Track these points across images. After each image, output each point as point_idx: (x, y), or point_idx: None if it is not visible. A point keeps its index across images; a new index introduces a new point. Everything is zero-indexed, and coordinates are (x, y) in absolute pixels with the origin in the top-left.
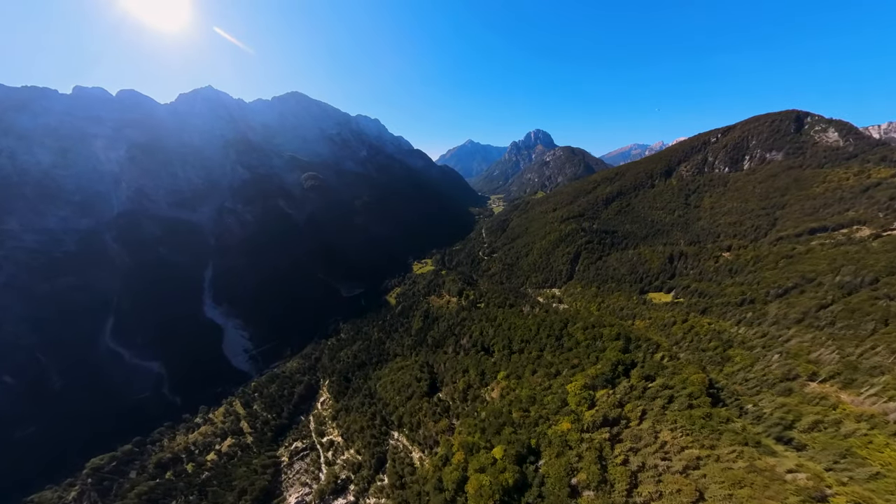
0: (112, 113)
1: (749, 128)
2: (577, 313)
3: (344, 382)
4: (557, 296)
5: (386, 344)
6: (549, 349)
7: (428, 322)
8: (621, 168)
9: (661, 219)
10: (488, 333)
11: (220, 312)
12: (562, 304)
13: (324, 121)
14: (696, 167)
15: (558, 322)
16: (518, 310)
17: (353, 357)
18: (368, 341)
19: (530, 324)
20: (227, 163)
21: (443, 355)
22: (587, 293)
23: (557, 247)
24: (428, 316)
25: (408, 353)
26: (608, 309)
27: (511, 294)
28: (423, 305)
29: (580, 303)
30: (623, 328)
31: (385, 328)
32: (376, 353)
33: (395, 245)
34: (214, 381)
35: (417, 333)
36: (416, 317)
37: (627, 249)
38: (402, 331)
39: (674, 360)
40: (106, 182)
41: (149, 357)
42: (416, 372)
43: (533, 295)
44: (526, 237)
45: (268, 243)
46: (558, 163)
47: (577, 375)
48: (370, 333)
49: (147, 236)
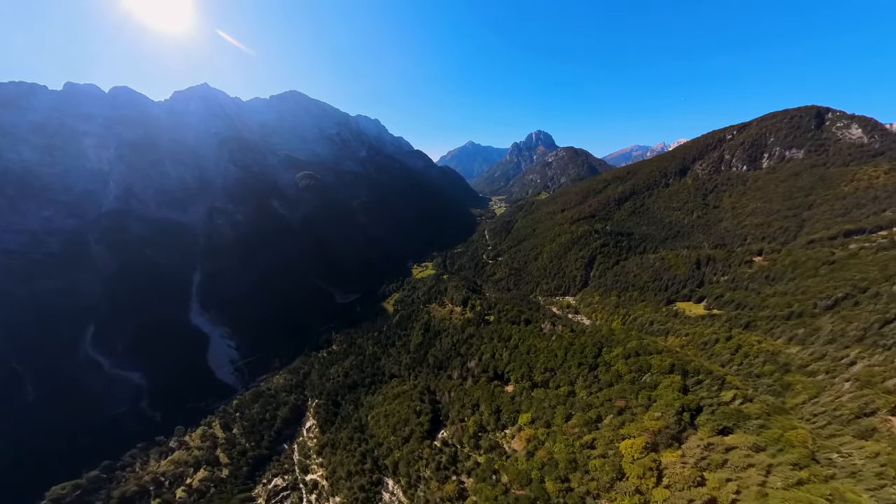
0: (103, 110)
1: (766, 124)
2: (611, 334)
3: (332, 407)
4: (573, 305)
5: (381, 361)
6: (583, 383)
7: (429, 336)
8: (632, 167)
9: (680, 220)
10: (502, 357)
11: (207, 319)
12: (578, 314)
13: (323, 120)
14: (712, 165)
15: (591, 346)
16: (536, 327)
17: (344, 375)
18: (362, 356)
19: (555, 347)
20: (220, 162)
21: (447, 381)
22: (607, 303)
23: (569, 250)
24: (429, 329)
25: (405, 374)
26: (635, 323)
27: (525, 306)
28: (424, 315)
29: (601, 315)
30: (677, 358)
31: (381, 341)
32: (370, 372)
33: (394, 247)
34: (197, 395)
35: (417, 350)
36: (415, 329)
37: (647, 253)
38: (400, 345)
39: (748, 401)
40: (95, 181)
41: (129, 367)
42: (415, 402)
43: (544, 304)
44: (533, 239)
45: (259, 245)
46: (561, 163)
47: (628, 426)
48: (364, 347)
49: (133, 237)
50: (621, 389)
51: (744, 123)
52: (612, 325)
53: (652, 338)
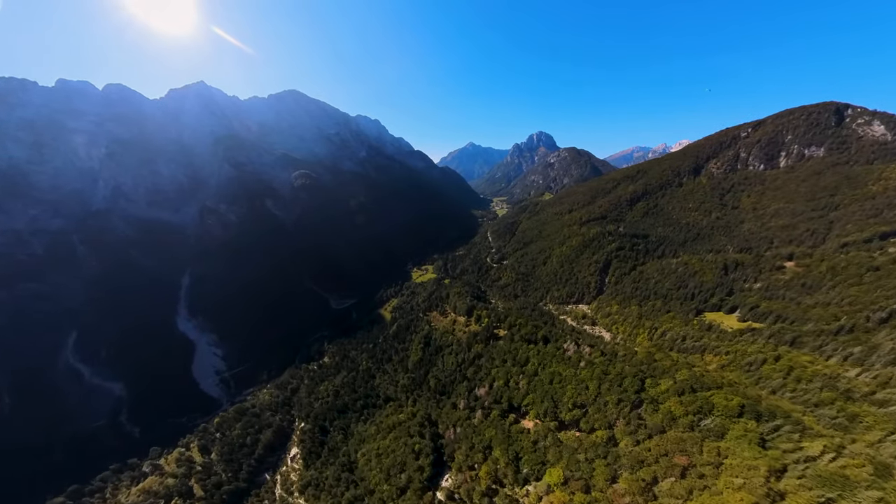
0: (96, 107)
1: (783, 121)
2: (652, 360)
3: (319, 435)
4: (589, 316)
5: (376, 379)
6: (625, 426)
7: (429, 352)
8: (642, 165)
9: (697, 221)
10: (518, 386)
11: (195, 326)
12: (595, 325)
13: (322, 120)
14: (728, 164)
15: (630, 376)
16: (558, 348)
17: (334, 394)
18: (355, 372)
19: (584, 376)
20: (215, 161)
21: (451, 410)
22: (628, 314)
23: (582, 254)
24: (429, 343)
25: (403, 398)
26: (665, 339)
27: (540, 319)
28: (424, 326)
29: (622, 328)
30: (744, 395)
31: (376, 355)
32: (363, 393)
33: (393, 250)
34: (179, 409)
35: (416, 368)
36: (414, 342)
37: (666, 257)
38: (397, 361)
39: (840, 455)
40: (85, 180)
41: (110, 376)
42: (413, 438)
43: (557, 314)
44: (541, 242)
45: (251, 247)
46: (563, 164)
47: (699, 498)
48: (358, 361)
49: (119, 238)
50: (678, 438)
51: (758, 121)
52: (638, 340)
53: (697, 361)
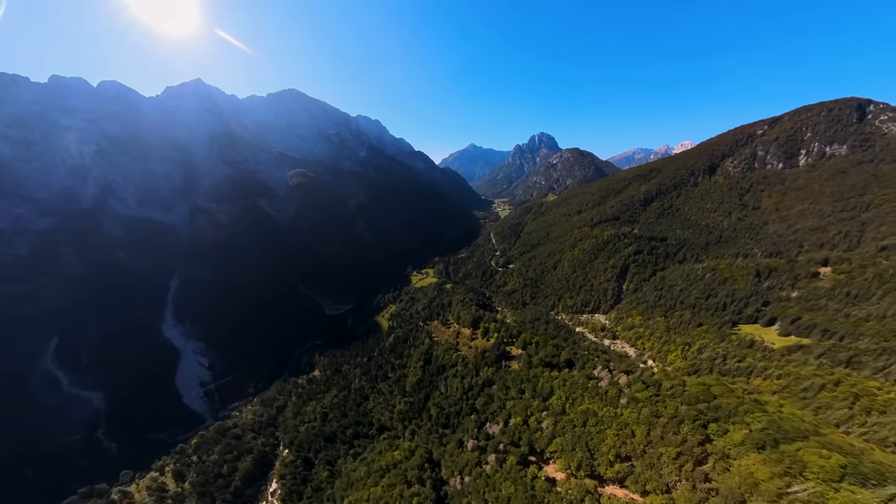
0: (89, 104)
1: (801, 118)
2: (711, 396)
3: (303, 468)
4: (608, 328)
5: (369, 401)
6: (689, 492)
7: (430, 372)
8: (654, 164)
9: (717, 222)
10: (541, 426)
11: (181, 332)
12: (616, 339)
13: (322, 119)
14: (745, 162)
15: (689, 421)
16: (589, 377)
17: (322, 418)
18: (347, 391)
19: (628, 418)
20: (210, 159)
21: (457, 450)
22: (654, 327)
23: (596, 258)
24: (430, 360)
25: (399, 427)
26: (702, 358)
27: (559, 334)
28: (423, 338)
29: (649, 343)
30: (844, 451)
31: (370, 371)
32: (353, 418)
33: (392, 252)
34: (159, 424)
35: (415, 390)
36: (413, 358)
37: (688, 262)
38: (393, 380)
39: None
40: (75, 178)
41: (90, 385)
42: (412, 485)
43: (571, 324)
44: (549, 245)
45: (243, 248)
46: (566, 165)
47: None
48: (350, 377)
49: (107, 239)
50: None
51: (774, 118)
52: (670, 359)
53: (743, 384)
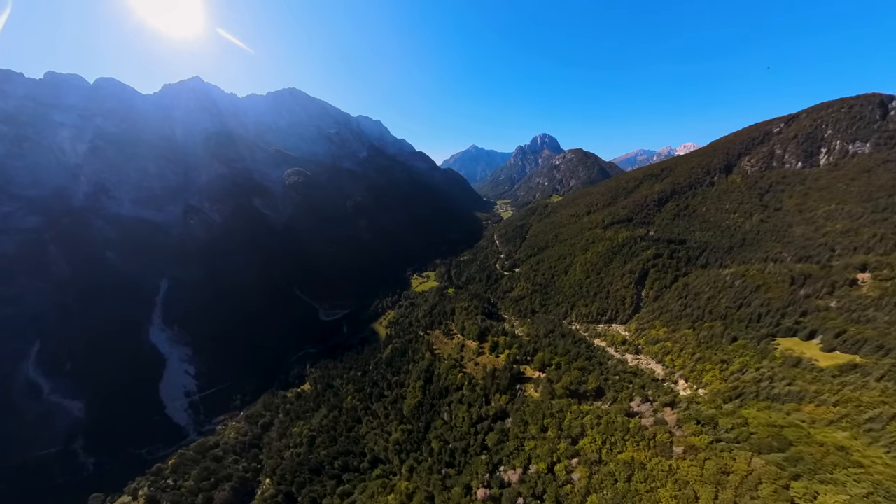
0: (84, 101)
1: (821, 115)
2: (784, 442)
3: None
4: (629, 341)
5: (362, 425)
6: None
7: (432, 394)
8: (666, 163)
9: (739, 224)
10: (571, 478)
11: (168, 337)
12: (639, 354)
13: (322, 119)
14: (763, 161)
15: (769, 482)
16: (627, 413)
17: (309, 443)
18: (338, 410)
19: (687, 474)
20: (206, 157)
21: (465, 501)
22: (682, 340)
23: (611, 262)
24: (431, 379)
25: (395, 461)
26: (744, 380)
27: (582, 352)
28: (423, 351)
29: (680, 360)
30: None
31: (364, 388)
32: (343, 446)
33: (392, 254)
34: (140, 437)
35: (414, 416)
36: (411, 376)
37: (712, 266)
38: (390, 401)
39: None
40: (67, 176)
41: (71, 393)
42: None
43: (587, 336)
44: (558, 247)
45: (235, 250)
46: (570, 166)
47: None
48: (342, 394)
49: (96, 239)
50: None
51: (791, 115)
52: (705, 379)
53: (793, 411)
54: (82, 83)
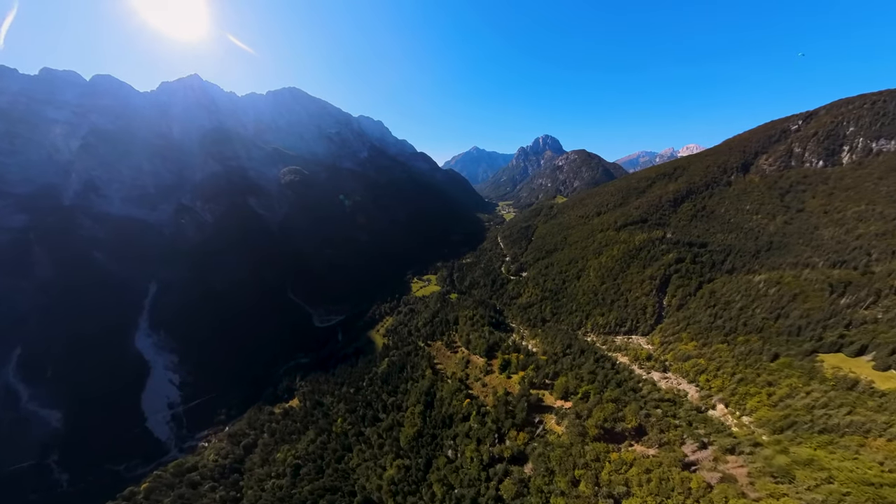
0: (79, 98)
1: (841, 112)
2: (881, 501)
3: None
4: (654, 356)
5: (352, 456)
6: None
7: (433, 421)
8: (679, 162)
9: (762, 226)
10: None
11: (154, 343)
12: (667, 373)
13: (323, 119)
14: (781, 160)
15: None
16: (683, 462)
17: (293, 473)
18: (327, 434)
19: None
20: (202, 156)
21: None
22: (718, 358)
23: (628, 267)
24: (432, 403)
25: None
26: (796, 409)
27: (610, 375)
28: (424, 367)
29: (717, 382)
30: None
31: (357, 411)
32: (330, 480)
33: (391, 256)
34: (118, 452)
35: (412, 449)
36: (410, 398)
37: (739, 272)
38: (385, 428)
39: None
40: (59, 173)
41: (50, 402)
42: None
43: (605, 349)
44: (568, 250)
45: (227, 251)
46: (573, 167)
47: None
48: (333, 415)
49: (84, 238)
50: None
51: (809, 112)
52: (749, 405)
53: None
54: (78, 80)
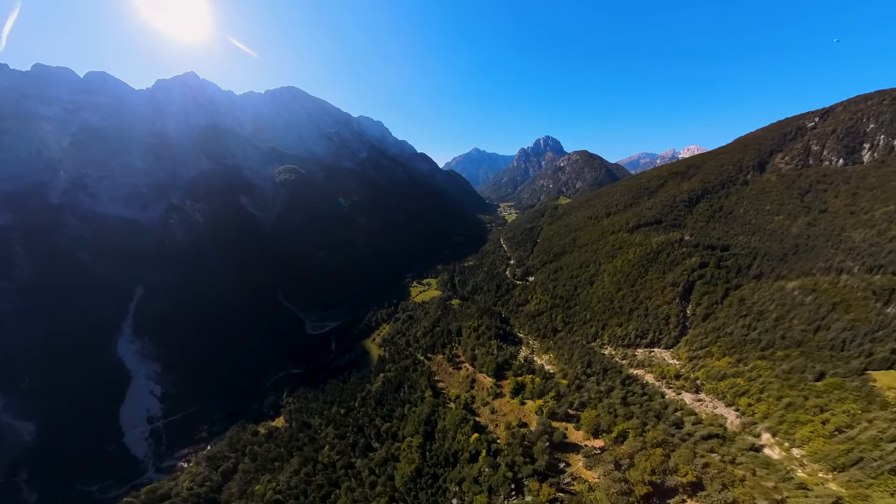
0: (72, 94)
1: (860, 108)
2: None
3: None
4: (683, 374)
5: (340, 491)
6: None
7: (434, 459)
8: (692, 160)
9: (785, 227)
10: None
11: (137, 350)
12: (699, 394)
13: (322, 119)
14: (798, 158)
15: None
16: None
17: None
18: (313, 465)
19: None
20: (194, 153)
21: None
22: (758, 376)
23: (646, 272)
24: (433, 434)
25: None
26: (862, 444)
27: (643, 405)
28: (423, 387)
29: (766, 406)
30: None
31: (347, 437)
32: None
33: (390, 258)
34: (91, 470)
35: (409, 490)
36: (407, 426)
37: (767, 278)
38: (378, 463)
39: None
40: (48, 171)
41: (25, 413)
42: None
43: (626, 364)
44: (578, 253)
45: (216, 252)
46: (575, 167)
47: None
48: (320, 439)
49: (69, 238)
50: None
51: (825, 109)
52: (799, 434)
53: None
54: (71, 76)
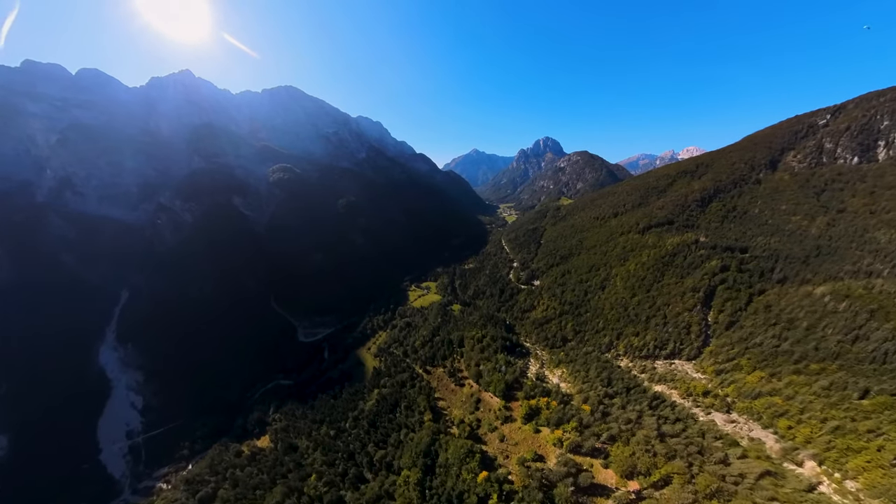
0: (62, 92)
1: (873, 105)
2: None
3: None
4: (711, 391)
5: None
6: None
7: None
8: (701, 158)
9: (804, 228)
10: None
11: (118, 358)
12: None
13: (320, 118)
14: (811, 156)
15: None
16: None
17: None
18: (297, 496)
19: None
20: (186, 152)
21: None
22: (797, 395)
23: (662, 276)
24: (433, 468)
25: None
26: None
27: (699, 455)
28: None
29: (810, 430)
30: None
31: (336, 465)
32: None
33: (387, 260)
34: (65, 489)
35: None
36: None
37: (792, 282)
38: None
39: None
40: (36, 169)
41: None
42: None
43: (645, 378)
44: (586, 256)
45: (205, 254)
46: (576, 168)
47: None
48: (306, 465)
49: (53, 239)
50: None
51: (837, 106)
52: (850, 465)
53: None
54: (62, 73)
